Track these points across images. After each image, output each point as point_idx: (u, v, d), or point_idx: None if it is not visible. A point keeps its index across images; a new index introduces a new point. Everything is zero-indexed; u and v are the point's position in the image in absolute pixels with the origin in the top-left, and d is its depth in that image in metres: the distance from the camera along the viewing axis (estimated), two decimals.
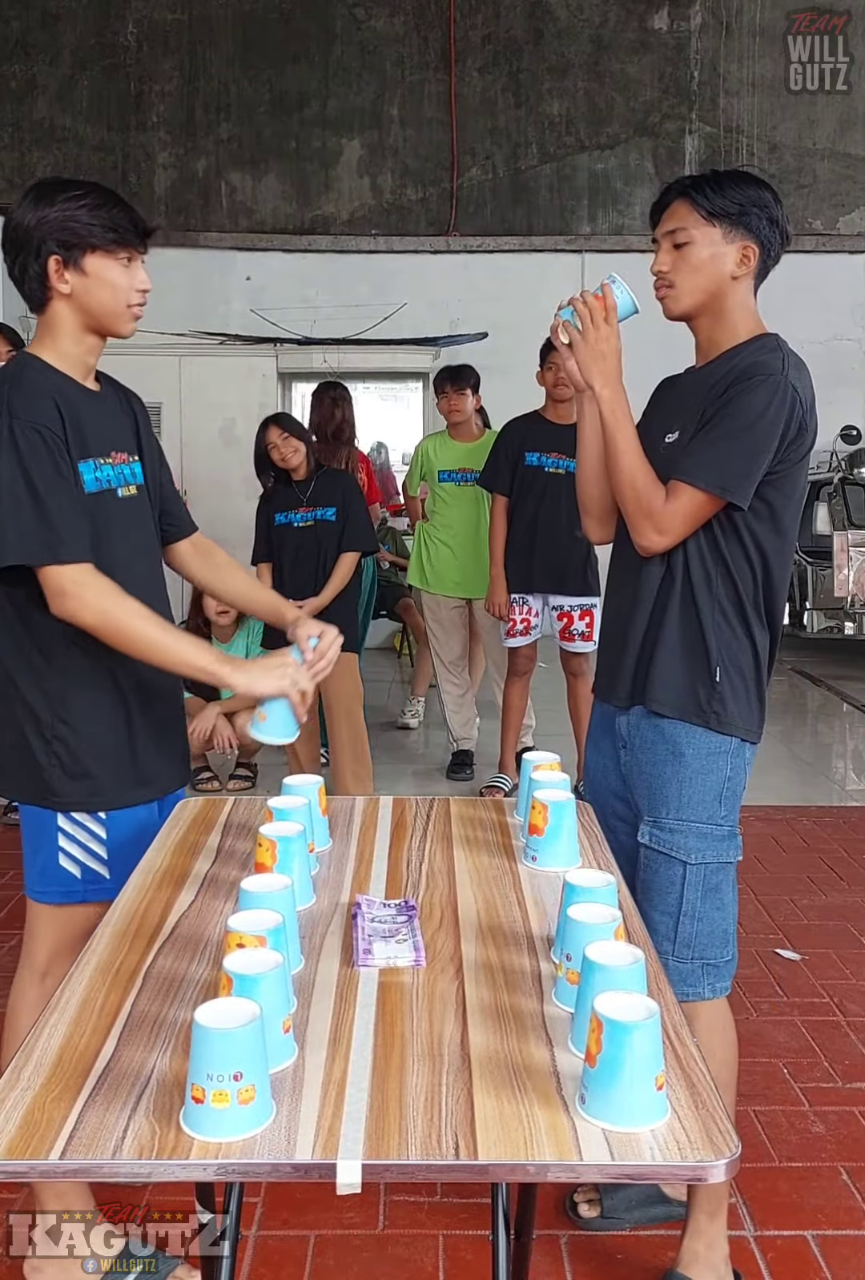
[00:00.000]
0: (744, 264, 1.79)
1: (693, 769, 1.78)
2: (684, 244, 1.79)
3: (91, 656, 1.72)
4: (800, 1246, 1.94)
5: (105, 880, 1.74)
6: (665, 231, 1.82)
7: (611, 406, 1.79)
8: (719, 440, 1.72)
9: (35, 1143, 0.94)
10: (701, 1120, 0.98)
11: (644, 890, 1.81)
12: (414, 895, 1.47)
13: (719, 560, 1.77)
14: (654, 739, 1.81)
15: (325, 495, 4.08)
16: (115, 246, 1.72)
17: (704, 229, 1.78)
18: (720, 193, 1.78)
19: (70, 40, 8.34)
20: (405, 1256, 1.91)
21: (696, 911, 1.79)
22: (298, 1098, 1.01)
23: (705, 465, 1.71)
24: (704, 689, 1.78)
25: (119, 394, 1.89)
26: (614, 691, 1.87)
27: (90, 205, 1.70)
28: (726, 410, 1.72)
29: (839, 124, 8.58)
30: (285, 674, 1.73)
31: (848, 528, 7.22)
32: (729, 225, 1.78)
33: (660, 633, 1.80)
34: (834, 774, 5.29)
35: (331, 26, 8.42)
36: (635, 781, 1.85)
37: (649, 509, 1.76)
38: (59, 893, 1.76)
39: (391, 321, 8.08)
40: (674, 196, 1.82)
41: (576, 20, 8.47)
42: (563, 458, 4.18)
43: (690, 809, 1.78)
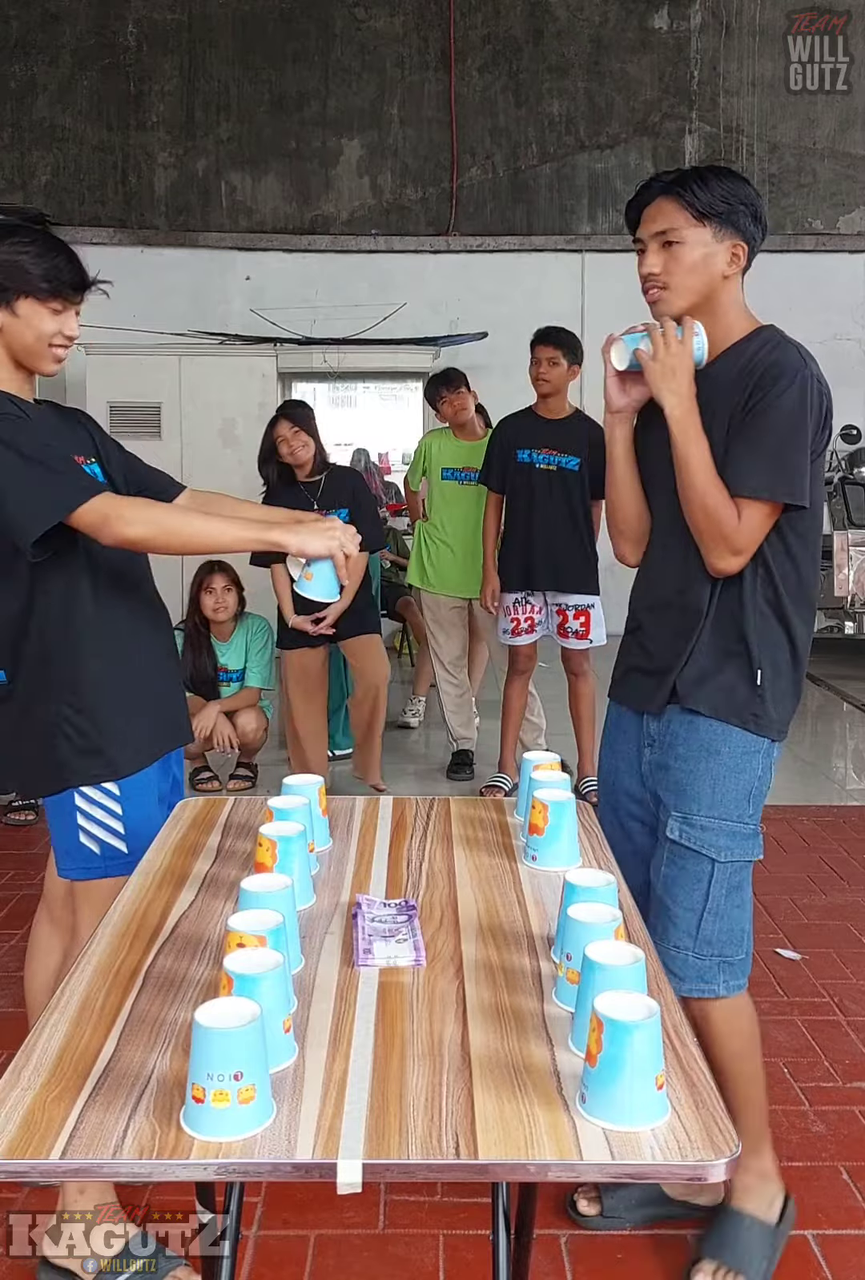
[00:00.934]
0: (734, 262, 1.79)
1: (727, 767, 1.78)
2: (675, 244, 1.77)
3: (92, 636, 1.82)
4: (800, 1246, 1.94)
5: (123, 854, 1.83)
6: (655, 232, 1.79)
7: (683, 425, 1.74)
8: (770, 447, 1.71)
9: (35, 1143, 0.95)
10: (702, 1119, 0.98)
11: (668, 886, 1.81)
12: (414, 895, 1.47)
13: (760, 561, 1.76)
14: (687, 735, 1.80)
15: (336, 495, 4.06)
16: (48, 296, 1.79)
17: (695, 229, 1.76)
18: (708, 191, 1.75)
19: (70, 40, 8.34)
20: (405, 1256, 1.91)
21: (720, 909, 1.80)
22: (298, 1097, 1.01)
23: (769, 475, 1.70)
24: (745, 691, 1.78)
25: (63, 412, 2.00)
26: (650, 700, 1.84)
27: (34, 253, 1.78)
28: (765, 417, 1.71)
29: (839, 124, 8.57)
30: (333, 535, 1.81)
31: (848, 527, 7.23)
32: (719, 224, 1.76)
33: (701, 636, 1.78)
34: (834, 774, 5.29)
35: (331, 26, 8.42)
36: (662, 777, 1.84)
37: (723, 530, 1.71)
38: (80, 868, 1.87)
39: (391, 321, 8.08)
40: (656, 194, 1.79)
41: (576, 20, 8.47)
42: (554, 453, 4.20)
43: (722, 806, 1.78)
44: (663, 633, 1.84)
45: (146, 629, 1.95)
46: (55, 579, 1.79)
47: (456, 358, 7.38)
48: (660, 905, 1.82)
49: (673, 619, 1.82)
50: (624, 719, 1.94)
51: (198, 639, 4.59)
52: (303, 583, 1.87)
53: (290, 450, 3.99)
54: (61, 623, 1.81)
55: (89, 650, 1.82)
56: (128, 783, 1.86)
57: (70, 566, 1.80)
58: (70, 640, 1.81)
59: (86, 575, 1.82)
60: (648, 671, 1.86)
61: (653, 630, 1.87)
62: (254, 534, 1.80)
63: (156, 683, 1.95)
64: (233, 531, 1.80)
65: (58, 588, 1.80)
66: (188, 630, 4.58)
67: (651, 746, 1.87)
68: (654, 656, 1.85)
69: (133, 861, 1.68)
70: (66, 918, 2.01)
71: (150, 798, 1.91)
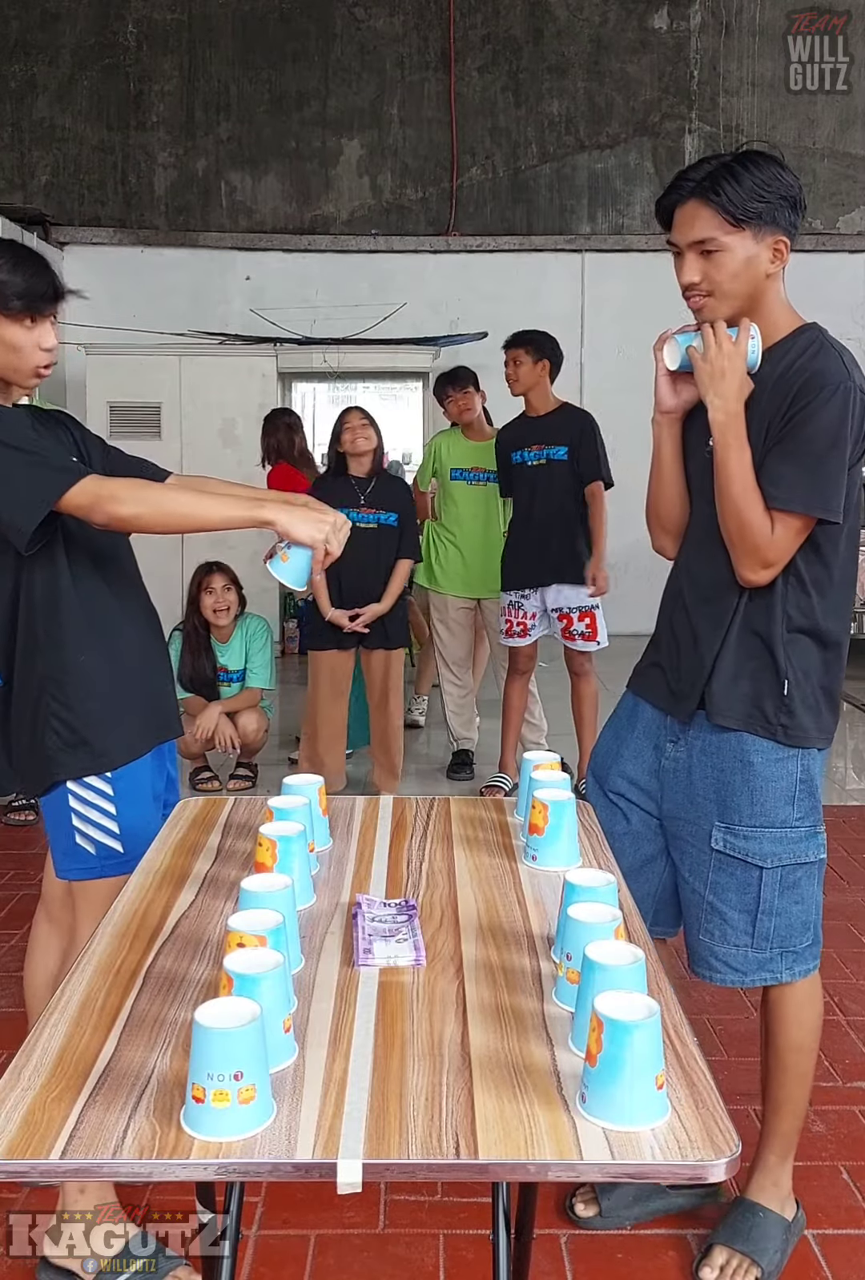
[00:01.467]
0: (777, 259, 1.73)
1: (762, 776, 1.78)
2: (715, 252, 1.70)
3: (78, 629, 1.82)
4: (800, 1245, 1.94)
5: (119, 854, 1.84)
6: (693, 241, 1.71)
7: (724, 432, 1.71)
8: (808, 460, 1.68)
9: (36, 1143, 0.95)
10: (702, 1119, 0.98)
11: (718, 892, 1.81)
12: (414, 895, 1.47)
13: (792, 570, 1.74)
14: (719, 746, 1.80)
15: (387, 500, 4.08)
16: (19, 313, 1.76)
17: (734, 235, 1.69)
18: (742, 191, 1.68)
19: (70, 40, 8.34)
20: (406, 1256, 1.91)
21: (774, 908, 1.80)
22: (298, 1097, 1.01)
23: (804, 489, 1.67)
24: (772, 703, 1.76)
25: (41, 415, 1.98)
26: (677, 708, 1.84)
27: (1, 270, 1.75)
28: (805, 428, 1.67)
29: (839, 124, 8.57)
30: (323, 527, 1.76)
31: None
32: (757, 225, 1.69)
33: (726, 644, 1.77)
34: (834, 774, 5.29)
35: (331, 26, 8.42)
36: (698, 784, 1.82)
37: (756, 543, 1.69)
38: (77, 869, 1.87)
39: (391, 321, 8.07)
40: (687, 196, 1.72)
41: (576, 20, 8.47)
42: (542, 448, 4.23)
43: (762, 815, 1.78)
44: (688, 636, 1.84)
45: (133, 622, 1.95)
46: (38, 571, 1.79)
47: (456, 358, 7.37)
48: (712, 910, 1.82)
49: (700, 623, 1.81)
50: (641, 709, 1.94)
51: (197, 640, 4.58)
52: (277, 562, 1.82)
53: (352, 439, 4.02)
54: (46, 615, 1.81)
55: (74, 644, 1.82)
56: (120, 780, 1.85)
57: (53, 558, 1.80)
58: (55, 633, 1.81)
59: (67, 568, 1.82)
60: (675, 674, 1.86)
61: (681, 631, 1.86)
62: (245, 511, 1.78)
63: (145, 676, 1.94)
64: (223, 508, 1.79)
65: (41, 579, 1.80)
66: (186, 631, 4.58)
67: (675, 743, 1.86)
68: (681, 658, 1.85)
69: (129, 861, 1.68)
70: (65, 918, 2.01)
71: (144, 796, 1.91)
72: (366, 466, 4.08)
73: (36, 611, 1.81)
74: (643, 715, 1.94)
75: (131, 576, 1.99)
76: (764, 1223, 1.88)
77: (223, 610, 4.56)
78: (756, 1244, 1.86)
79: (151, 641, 2.00)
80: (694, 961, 1.88)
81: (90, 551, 1.85)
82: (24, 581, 1.80)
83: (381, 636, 4.14)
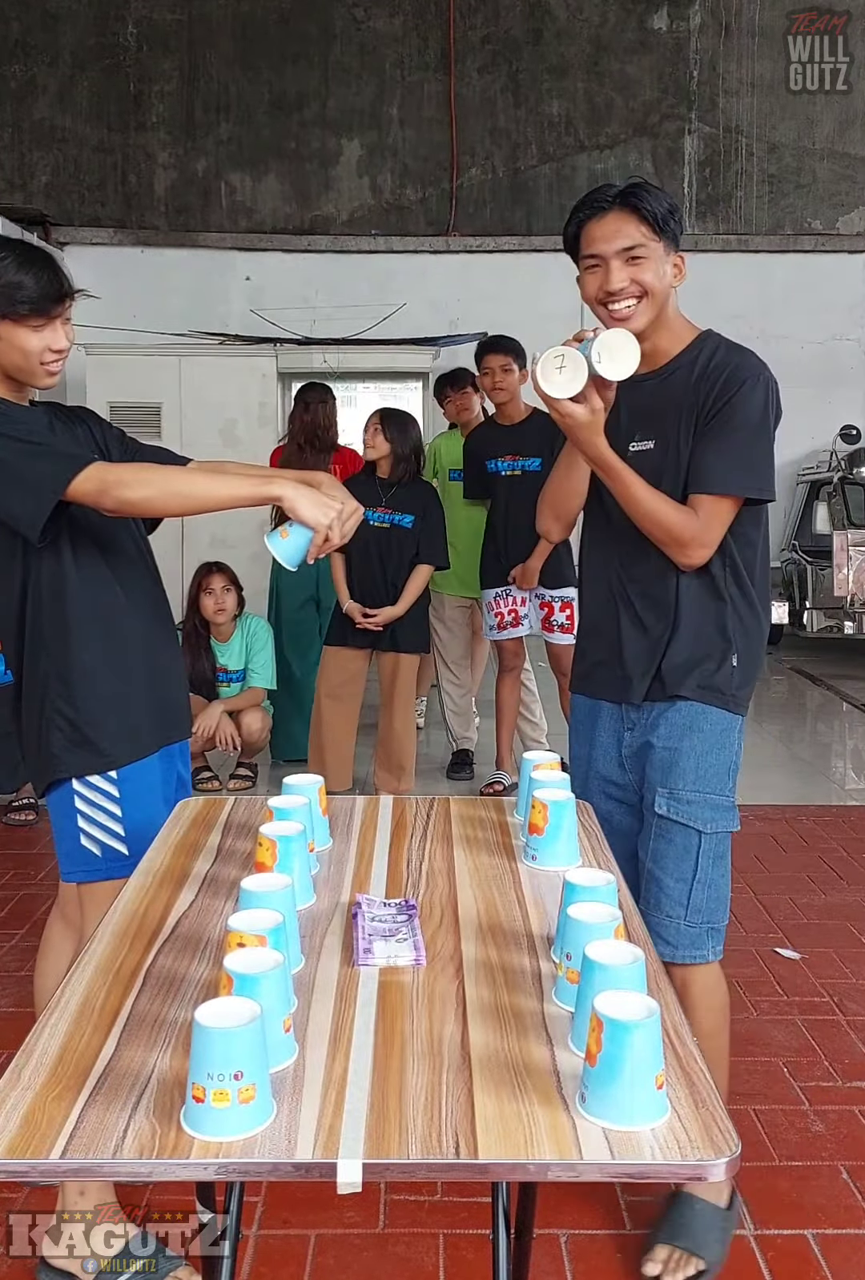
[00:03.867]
0: (678, 274, 1.85)
1: (708, 743, 1.88)
2: (641, 259, 1.79)
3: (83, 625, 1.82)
4: (800, 1245, 1.94)
5: (125, 856, 1.84)
6: (622, 248, 1.79)
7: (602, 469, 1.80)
8: (740, 446, 1.79)
9: (36, 1142, 0.94)
10: (701, 1119, 0.98)
11: (658, 859, 1.89)
12: (414, 895, 1.48)
13: (726, 553, 1.86)
14: (670, 716, 1.89)
15: (406, 501, 4.11)
16: (27, 315, 1.74)
17: (654, 244, 1.79)
18: (660, 204, 1.79)
19: (70, 40, 8.35)
20: (406, 1255, 1.91)
21: (707, 878, 1.89)
22: (298, 1097, 1.01)
23: (739, 473, 1.79)
24: (723, 673, 1.88)
25: (60, 413, 1.96)
26: (630, 693, 1.92)
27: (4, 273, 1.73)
28: (733, 416, 1.79)
29: (839, 124, 8.58)
30: (329, 512, 1.73)
31: (847, 527, 7.23)
32: (667, 239, 1.81)
33: (678, 626, 1.87)
34: (834, 773, 5.29)
35: (331, 26, 8.43)
36: (647, 756, 1.91)
37: (684, 536, 1.80)
38: (83, 871, 1.87)
39: (391, 321, 8.08)
40: (608, 209, 1.80)
41: (576, 20, 8.48)
42: (517, 459, 4.25)
43: (705, 781, 1.88)
44: (633, 626, 1.91)
45: (139, 614, 1.92)
46: (45, 563, 1.80)
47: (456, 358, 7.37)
48: (650, 878, 1.90)
49: (645, 612, 1.90)
50: (597, 708, 2.01)
51: (197, 640, 4.58)
52: (275, 536, 1.79)
53: (363, 445, 4.12)
54: (52, 608, 1.81)
55: (78, 640, 1.82)
56: (126, 780, 1.85)
57: (58, 549, 1.80)
58: (60, 628, 1.81)
59: (72, 559, 1.82)
60: (621, 664, 1.93)
61: (624, 623, 1.93)
62: (254, 489, 1.76)
63: (151, 673, 1.93)
64: (232, 486, 1.78)
65: (47, 570, 1.80)
66: (186, 631, 4.58)
67: (631, 730, 1.95)
68: (626, 648, 1.92)
69: (134, 864, 1.66)
70: (80, 918, 2.01)
71: (152, 798, 1.90)
72: (386, 469, 4.12)
73: (43, 605, 1.81)
74: (602, 714, 2.00)
75: (139, 568, 1.96)
76: (701, 1215, 1.90)
77: (222, 611, 4.56)
78: (696, 1237, 1.88)
79: (160, 636, 1.98)
80: None
81: (95, 542, 1.85)
82: (32, 574, 1.80)
83: (391, 639, 4.14)
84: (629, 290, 1.80)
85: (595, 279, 1.84)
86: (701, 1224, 1.89)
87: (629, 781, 1.97)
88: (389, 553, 4.08)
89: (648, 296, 1.80)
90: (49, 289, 1.76)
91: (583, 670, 2.05)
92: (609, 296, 1.81)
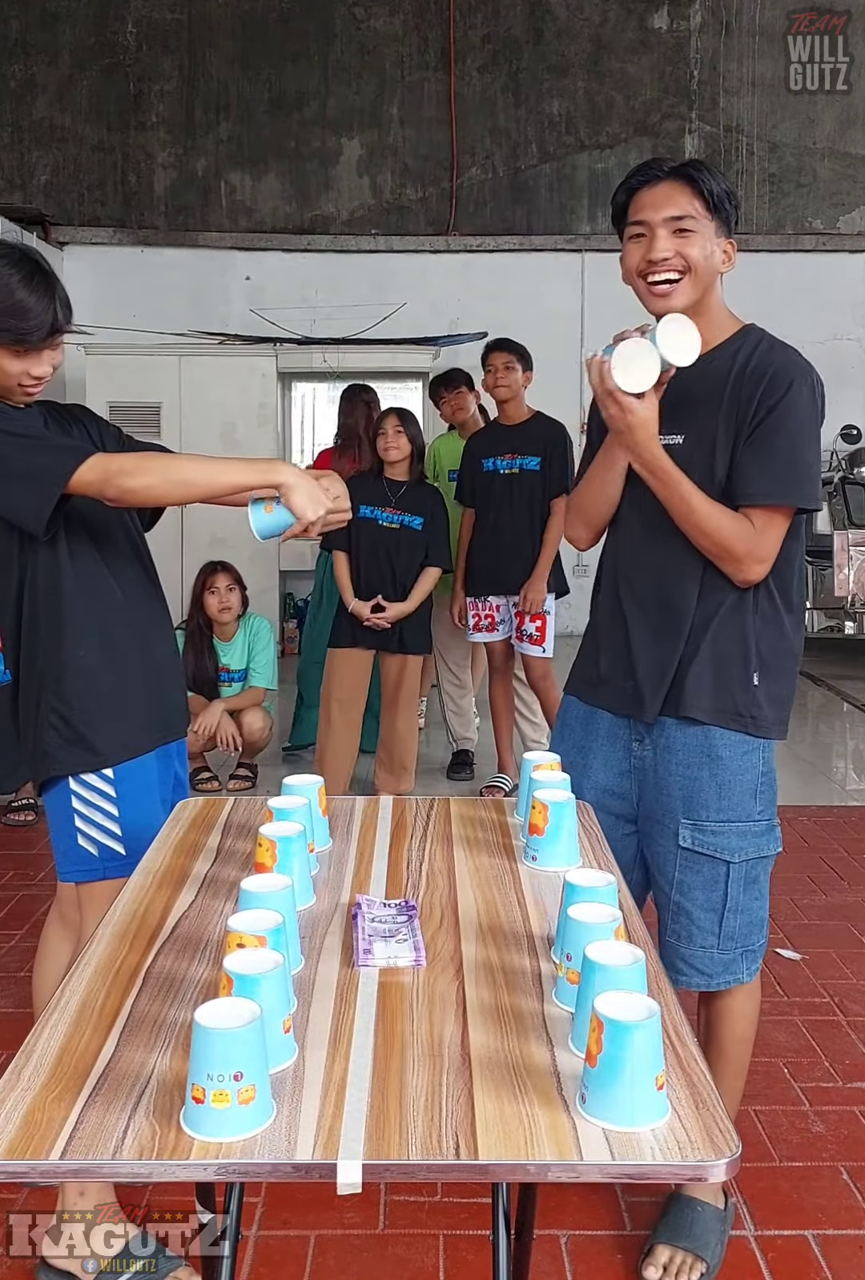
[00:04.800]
0: (726, 260, 1.76)
1: (729, 770, 1.78)
2: (690, 232, 1.70)
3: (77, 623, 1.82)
4: (801, 1246, 1.94)
5: (122, 856, 1.84)
6: (669, 216, 1.69)
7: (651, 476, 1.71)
8: (792, 453, 1.69)
9: (35, 1143, 0.94)
10: (702, 1120, 0.98)
11: (685, 890, 1.82)
12: (414, 895, 1.47)
13: None
14: (685, 742, 1.80)
15: (414, 503, 4.11)
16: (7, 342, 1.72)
17: (706, 220, 1.71)
18: (715, 180, 1.71)
19: (70, 40, 8.34)
20: (406, 1256, 1.91)
21: (739, 905, 1.82)
22: (298, 1098, 1.01)
23: (792, 482, 1.70)
24: (742, 694, 1.77)
25: (56, 412, 1.95)
26: (642, 709, 1.82)
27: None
28: (783, 423, 1.68)
29: (839, 124, 8.57)
30: (319, 508, 1.72)
31: (848, 527, 7.23)
32: (721, 220, 1.73)
33: (699, 644, 1.76)
34: (834, 774, 5.29)
35: (331, 26, 8.42)
36: (664, 781, 1.82)
37: (739, 550, 1.69)
38: (80, 871, 1.87)
39: (391, 321, 8.07)
40: (662, 178, 1.72)
41: (576, 19, 8.47)
42: (515, 457, 4.23)
43: (730, 810, 1.79)
44: (645, 637, 1.81)
45: (136, 610, 1.91)
46: (41, 557, 1.79)
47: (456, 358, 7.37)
48: (679, 910, 1.83)
49: (661, 623, 1.80)
50: (598, 716, 1.91)
51: (200, 639, 4.59)
52: (259, 506, 1.77)
53: (385, 447, 4.07)
54: (47, 603, 1.81)
55: (73, 636, 1.82)
56: (123, 780, 1.85)
57: (54, 543, 1.79)
58: (55, 625, 1.81)
59: (68, 553, 1.81)
60: (630, 678, 1.83)
61: (636, 634, 1.83)
62: (256, 475, 1.74)
63: (148, 672, 1.92)
64: (234, 472, 1.75)
65: (44, 565, 1.80)
66: (189, 630, 4.58)
67: (640, 742, 1.86)
68: (637, 661, 1.82)
69: (131, 863, 1.66)
70: (78, 919, 2.01)
71: (150, 798, 1.90)
72: (401, 471, 4.12)
73: (39, 600, 1.81)
74: (601, 721, 1.91)
75: (136, 566, 1.95)
76: (702, 1217, 1.89)
77: (227, 609, 4.57)
78: (698, 1239, 1.86)
79: (156, 635, 1.97)
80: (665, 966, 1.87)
81: (92, 540, 1.85)
82: (28, 572, 1.80)
83: (397, 640, 4.13)
84: (672, 262, 1.70)
85: (639, 249, 1.74)
86: (702, 1226, 1.88)
87: (630, 792, 1.88)
88: (398, 554, 4.09)
89: (691, 274, 1.70)
90: (36, 321, 1.72)
91: (589, 677, 1.93)
92: (651, 266, 1.71)
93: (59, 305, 1.76)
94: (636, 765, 1.87)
